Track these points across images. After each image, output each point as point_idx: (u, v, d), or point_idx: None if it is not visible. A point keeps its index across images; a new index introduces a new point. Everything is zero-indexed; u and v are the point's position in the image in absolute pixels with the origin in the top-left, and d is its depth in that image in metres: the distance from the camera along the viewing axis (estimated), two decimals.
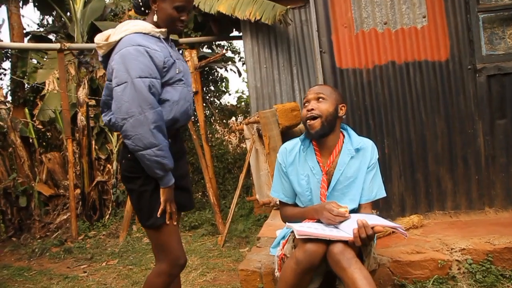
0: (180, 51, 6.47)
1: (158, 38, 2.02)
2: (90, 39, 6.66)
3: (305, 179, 2.23)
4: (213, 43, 7.70)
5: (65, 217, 6.61)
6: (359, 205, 2.26)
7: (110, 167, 6.62)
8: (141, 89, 1.84)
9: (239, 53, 7.85)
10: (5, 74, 7.31)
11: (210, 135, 7.93)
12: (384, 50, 3.12)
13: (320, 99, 2.13)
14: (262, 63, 6.11)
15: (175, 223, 2.04)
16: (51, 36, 7.66)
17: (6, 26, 7.33)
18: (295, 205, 2.35)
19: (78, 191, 6.31)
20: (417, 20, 3.10)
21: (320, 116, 2.12)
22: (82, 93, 6.04)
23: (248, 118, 4.81)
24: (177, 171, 2.04)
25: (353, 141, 2.25)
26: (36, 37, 7.32)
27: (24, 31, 7.37)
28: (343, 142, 2.25)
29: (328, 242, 1.92)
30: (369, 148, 2.25)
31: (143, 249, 5.23)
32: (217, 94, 8.32)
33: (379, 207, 3.10)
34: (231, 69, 7.90)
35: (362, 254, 2.00)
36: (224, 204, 6.76)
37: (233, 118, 8.48)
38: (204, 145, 5.70)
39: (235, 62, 8.23)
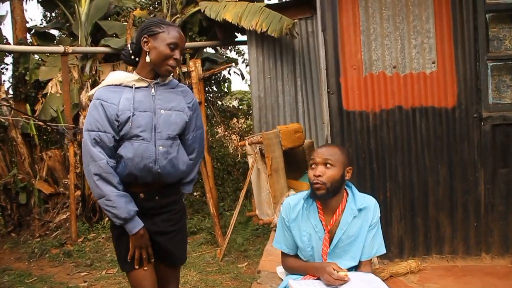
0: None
1: (131, 87, 2.00)
2: (94, 40, 6.62)
3: (307, 235, 2.26)
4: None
5: (64, 216, 6.66)
6: (360, 261, 2.31)
7: None
8: (86, 142, 1.92)
9: (242, 54, 7.81)
10: (6, 69, 7.27)
11: (211, 138, 7.95)
12: (392, 94, 3.15)
13: (328, 165, 2.15)
14: (266, 73, 6.11)
15: (145, 269, 2.04)
16: (54, 31, 7.59)
17: (8, 19, 7.23)
18: (297, 256, 2.40)
19: (78, 192, 6.35)
20: (427, 65, 3.12)
21: (325, 183, 2.15)
22: (85, 96, 6.04)
23: (250, 137, 4.83)
24: (153, 228, 2.05)
25: (356, 200, 2.27)
26: (39, 33, 7.26)
27: (27, 25, 7.30)
28: (346, 201, 2.28)
29: None
30: (371, 207, 2.27)
31: None
32: (219, 95, 8.32)
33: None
34: (234, 72, 7.88)
35: None
36: (223, 207, 6.83)
37: (234, 120, 8.49)
38: (206, 155, 5.73)
39: (237, 64, 8.20)
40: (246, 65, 7.78)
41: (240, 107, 8.73)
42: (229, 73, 7.89)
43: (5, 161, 6.97)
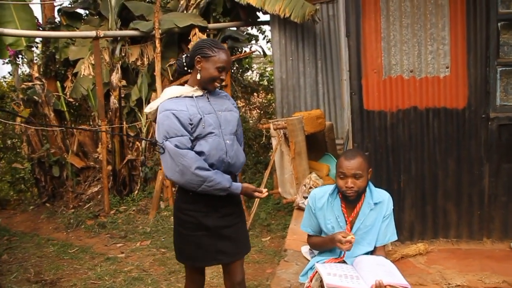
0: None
1: (191, 97, 2.40)
2: (123, 23, 6.87)
3: (331, 224, 2.66)
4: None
5: (96, 189, 7.14)
6: (375, 247, 2.72)
7: (139, 144, 7.07)
8: (170, 148, 2.28)
9: (263, 32, 8.03)
10: (37, 47, 7.57)
11: None
12: (408, 95, 3.47)
13: (357, 176, 2.52)
14: (288, 56, 6.37)
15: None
16: (81, 11, 7.83)
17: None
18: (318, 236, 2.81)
19: (109, 167, 6.78)
20: (441, 70, 3.42)
21: (357, 191, 2.53)
22: (116, 77, 6.39)
23: (275, 121, 5.19)
24: (221, 222, 2.42)
25: (373, 195, 2.67)
26: (67, 13, 7.51)
27: (55, 4, 7.53)
28: (364, 196, 2.67)
29: None
30: (385, 201, 2.68)
31: (171, 229, 5.75)
32: (241, 71, 8.58)
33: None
34: (256, 50, 8.13)
35: None
36: (244, 180, 7.24)
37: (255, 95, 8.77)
38: None
39: (257, 40, 8.41)
40: (267, 41, 8.00)
41: (261, 82, 8.99)
42: (255, 51, 8.12)
43: (38, 136, 7.37)
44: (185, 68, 2.47)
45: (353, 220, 2.65)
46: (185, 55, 2.48)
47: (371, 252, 2.70)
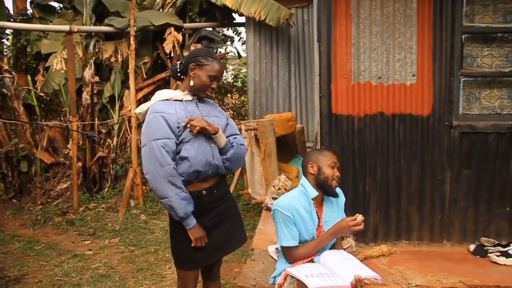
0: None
1: (181, 100, 2.46)
2: (98, 18, 6.81)
3: (311, 226, 2.72)
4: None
5: (65, 185, 7.03)
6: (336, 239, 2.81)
7: (110, 142, 7.01)
8: (154, 149, 2.31)
9: (239, 33, 8.08)
10: (7, 39, 7.42)
11: None
12: (375, 101, 3.57)
13: (339, 169, 2.66)
14: (263, 58, 6.44)
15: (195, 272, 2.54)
16: (55, 4, 7.71)
17: None
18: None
19: (80, 164, 6.68)
20: (408, 77, 3.54)
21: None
22: (88, 73, 6.33)
23: (246, 122, 5.24)
24: (211, 221, 2.47)
25: None
26: (40, 5, 7.38)
27: None
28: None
29: None
30: (341, 195, 2.80)
31: (141, 227, 5.76)
32: None
33: (356, 234, 3.66)
34: (230, 51, 8.17)
35: None
36: None
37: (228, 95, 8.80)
38: None
39: (233, 41, 8.45)
40: (242, 43, 8.06)
41: (235, 84, 9.03)
42: (225, 50, 8.16)
43: (6, 130, 7.22)
44: (179, 74, 2.53)
45: (321, 213, 2.74)
46: (179, 61, 2.57)
47: (332, 245, 2.79)
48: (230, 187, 5.47)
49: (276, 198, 4.81)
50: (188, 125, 2.36)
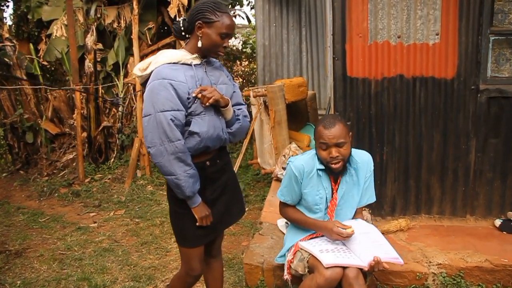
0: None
1: (190, 65, 2.16)
2: None
3: (319, 195, 2.50)
4: None
5: (71, 156, 6.89)
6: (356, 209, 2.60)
7: (116, 111, 6.80)
8: (162, 122, 2.04)
9: None
10: (7, 7, 7.16)
11: None
12: (394, 63, 3.25)
13: (341, 144, 2.33)
14: (272, 22, 6.13)
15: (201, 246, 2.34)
16: None
17: None
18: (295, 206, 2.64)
19: (84, 134, 6.53)
20: (430, 36, 3.20)
21: (343, 159, 2.36)
22: (90, 39, 6.07)
23: (255, 88, 4.95)
24: (214, 194, 2.28)
25: (352, 161, 2.50)
26: None
27: None
28: None
29: (343, 267, 2.24)
30: (365, 163, 2.54)
31: (147, 198, 5.60)
32: None
33: (372, 207, 3.42)
34: (239, 15, 7.79)
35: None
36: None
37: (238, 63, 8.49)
38: None
39: (242, 5, 8.07)
40: (251, 8, 7.69)
41: (244, 50, 8.70)
42: (237, 16, 7.80)
43: (10, 101, 7.06)
44: (183, 33, 2.22)
45: (337, 188, 2.51)
46: (183, 18, 2.24)
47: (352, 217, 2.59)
48: (239, 156, 5.25)
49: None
50: (200, 96, 2.09)
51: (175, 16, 6.07)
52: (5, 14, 7.03)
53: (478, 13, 3.16)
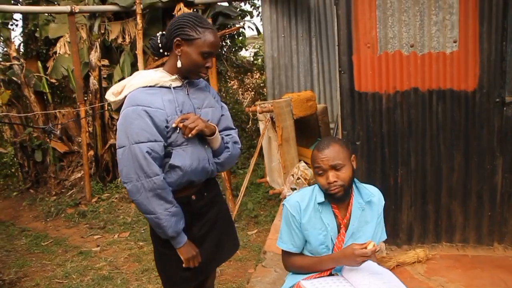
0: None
1: (169, 87, 1.89)
2: None
3: (323, 233, 2.20)
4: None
5: (79, 175, 6.77)
6: None
7: None
8: (137, 155, 1.76)
9: (258, 7, 7.47)
10: (16, 25, 7.13)
11: (224, 93, 7.78)
12: (407, 75, 2.95)
13: (338, 167, 2.04)
14: (280, 32, 5.91)
15: None
16: None
17: None
18: (301, 254, 2.35)
19: (91, 152, 6.39)
20: (447, 44, 2.89)
21: (343, 185, 2.05)
22: (94, 56, 5.92)
23: (261, 103, 4.68)
24: (202, 231, 2.03)
25: (362, 194, 2.21)
26: None
27: None
28: (353, 194, 2.20)
29: None
30: (377, 197, 2.23)
31: None
32: (233, 50, 8.06)
33: (386, 234, 3.08)
34: (248, 26, 7.60)
35: None
36: (236, 165, 6.79)
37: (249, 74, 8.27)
38: None
39: (252, 16, 7.86)
40: (261, 19, 7.47)
41: (255, 62, 8.47)
42: (243, 27, 7.59)
43: (20, 119, 7.00)
44: (161, 50, 1.94)
45: (347, 223, 2.19)
46: (161, 33, 1.96)
47: None
48: (246, 175, 4.98)
49: (295, 189, 4.28)
50: (181, 126, 1.82)
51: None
52: (15, 33, 6.97)
53: (501, 16, 2.84)
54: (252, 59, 8.53)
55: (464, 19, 2.86)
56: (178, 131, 1.83)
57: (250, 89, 7.86)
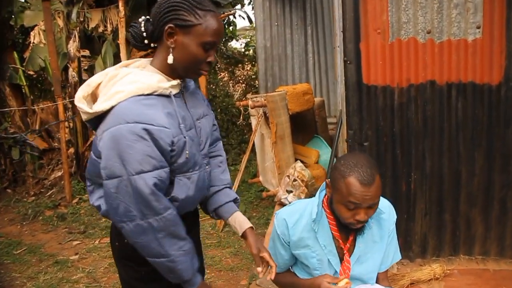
0: None
1: (168, 96, 1.43)
2: None
3: (317, 257, 1.87)
4: None
5: (60, 173, 6.40)
6: (378, 273, 1.97)
7: None
8: (142, 190, 1.34)
9: None
10: None
11: (214, 86, 7.42)
12: (423, 65, 2.64)
13: (373, 206, 1.68)
14: (274, 21, 5.68)
15: None
16: None
17: None
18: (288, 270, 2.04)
19: (71, 150, 6.03)
20: (469, 30, 2.58)
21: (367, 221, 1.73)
22: (73, 46, 5.52)
23: (253, 97, 4.31)
24: None
25: None
26: None
27: None
28: None
29: None
30: (387, 213, 1.89)
31: None
32: (223, 40, 7.70)
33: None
34: (239, 15, 7.25)
35: None
36: (227, 161, 6.45)
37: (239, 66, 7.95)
38: None
39: (243, 5, 7.51)
40: (253, 8, 7.15)
41: (246, 52, 8.13)
42: (234, 16, 7.24)
43: None
44: (146, 41, 1.45)
45: (351, 248, 1.84)
46: (145, 17, 1.45)
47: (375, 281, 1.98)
48: (238, 175, 4.65)
49: (291, 191, 3.93)
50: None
51: None
52: None
53: None
54: (243, 50, 8.19)
55: (488, 1, 2.55)
56: (183, 151, 1.42)
57: (241, 81, 7.53)
